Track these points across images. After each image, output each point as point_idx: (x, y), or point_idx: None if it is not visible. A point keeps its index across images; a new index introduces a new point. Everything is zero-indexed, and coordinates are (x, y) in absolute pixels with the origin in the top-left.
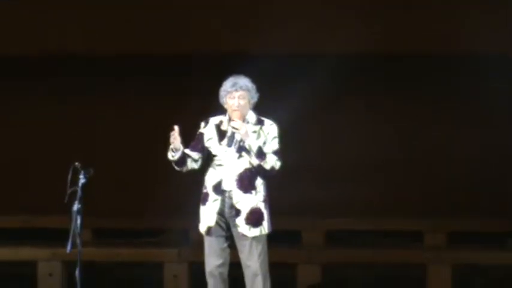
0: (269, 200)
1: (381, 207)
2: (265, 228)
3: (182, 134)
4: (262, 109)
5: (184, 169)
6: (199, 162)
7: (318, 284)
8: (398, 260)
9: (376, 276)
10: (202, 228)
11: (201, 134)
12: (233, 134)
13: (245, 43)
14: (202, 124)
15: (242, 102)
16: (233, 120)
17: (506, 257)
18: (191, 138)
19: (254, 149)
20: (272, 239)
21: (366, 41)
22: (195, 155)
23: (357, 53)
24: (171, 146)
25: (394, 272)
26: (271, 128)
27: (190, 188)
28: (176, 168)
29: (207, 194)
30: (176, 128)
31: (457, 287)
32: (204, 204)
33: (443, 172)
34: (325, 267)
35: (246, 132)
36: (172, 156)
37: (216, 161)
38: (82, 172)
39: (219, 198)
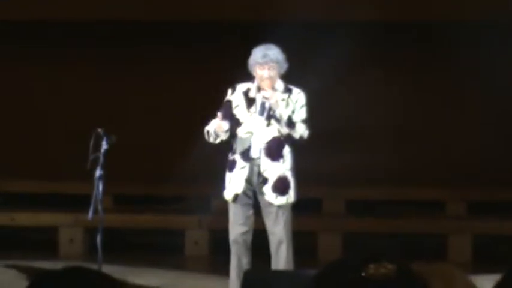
0: (295, 168)
1: (401, 175)
2: (291, 196)
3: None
4: (288, 76)
5: (217, 140)
6: (228, 132)
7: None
8: (419, 229)
9: (396, 245)
10: (229, 195)
11: (229, 102)
12: (263, 102)
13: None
14: (230, 91)
15: (272, 72)
16: (263, 89)
17: None
18: (215, 104)
19: (284, 117)
20: (294, 207)
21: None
22: (225, 124)
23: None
24: (214, 131)
25: (415, 241)
26: (299, 96)
27: (212, 155)
28: (209, 140)
29: (234, 161)
30: (220, 115)
31: (477, 257)
32: (231, 171)
33: (462, 143)
34: (346, 235)
35: (277, 102)
36: (215, 139)
37: (244, 128)
38: (104, 138)
39: (247, 165)
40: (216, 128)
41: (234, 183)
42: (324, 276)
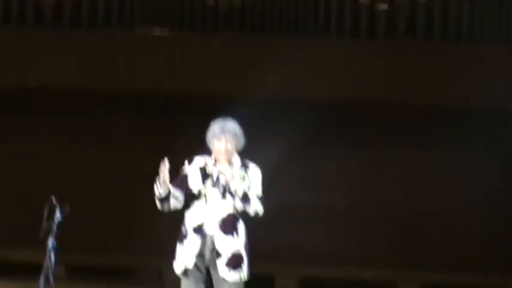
0: (249, 245)
1: (355, 255)
2: (244, 273)
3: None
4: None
5: (167, 207)
6: (181, 202)
7: None
8: None
9: None
10: (179, 268)
11: (185, 173)
12: (219, 176)
13: (230, 86)
14: (187, 163)
15: (229, 146)
16: (220, 162)
17: None
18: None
19: (240, 193)
20: (246, 284)
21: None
22: (179, 193)
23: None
24: (160, 180)
25: None
26: (255, 172)
27: (166, 227)
28: (159, 206)
29: (186, 234)
30: (166, 160)
31: None
32: (182, 244)
33: (416, 223)
34: None
35: (233, 176)
36: (159, 193)
37: (199, 202)
38: (58, 208)
39: (199, 239)
40: (161, 172)
41: (185, 257)
42: None
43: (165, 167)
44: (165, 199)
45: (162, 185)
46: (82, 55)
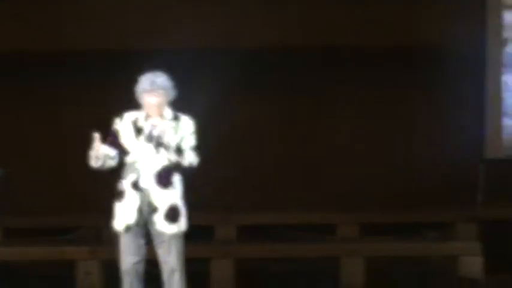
0: (185, 196)
1: (295, 199)
2: (182, 224)
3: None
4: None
5: (102, 167)
6: (116, 160)
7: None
8: (311, 253)
9: (290, 270)
10: (119, 225)
11: (117, 131)
12: (151, 130)
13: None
14: (117, 120)
15: (160, 100)
16: (151, 117)
17: (419, 249)
18: (104, 133)
19: (172, 145)
20: (186, 235)
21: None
22: (112, 152)
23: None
24: (95, 154)
25: (309, 266)
26: (188, 123)
27: (103, 184)
28: (94, 165)
29: (123, 191)
30: (97, 135)
31: (372, 280)
32: (120, 201)
33: (356, 164)
34: (238, 262)
35: (165, 129)
36: (95, 162)
37: (133, 157)
38: None
39: (136, 195)
40: (94, 149)
41: (124, 213)
42: None
43: (97, 142)
44: (99, 159)
45: (97, 158)
46: None
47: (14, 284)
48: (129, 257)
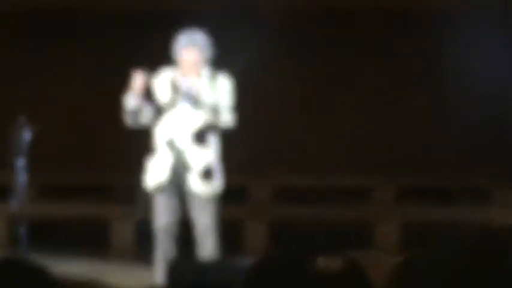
0: (221, 156)
1: (329, 162)
2: (217, 185)
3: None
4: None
5: (137, 122)
6: (151, 116)
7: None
8: (346, 217)
9: (324, 233)
10: (153, 184)
11: (153, 88)
12: (188, 89)
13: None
14: (154, 78)
15: (198, 57)
16: (188, 75)
17: (456, 213)
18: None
19: (209, 105)
20: (220, 196)
21: None
22: (148, 108)
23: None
24: (132, 92)
25: (343, 229)
26: (225, 83)
27: (137, 143)
28: (129, 120)
29: (158, 149)
30: (140, 72)
31: (406, 245)
32: (154, 159)
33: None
34: (272, 224)
35: (202, 88)
36: (130, 105)
37: (168, 116)
38: (27, 127)
39: (171, 154)
40: (134, 83)
41: (158, 172)
42: (263, 269)
43: (138, 79)
44: (135, 113)
45: (133, 98)
46: None
47: (47, 240)
48: (162, 217)
